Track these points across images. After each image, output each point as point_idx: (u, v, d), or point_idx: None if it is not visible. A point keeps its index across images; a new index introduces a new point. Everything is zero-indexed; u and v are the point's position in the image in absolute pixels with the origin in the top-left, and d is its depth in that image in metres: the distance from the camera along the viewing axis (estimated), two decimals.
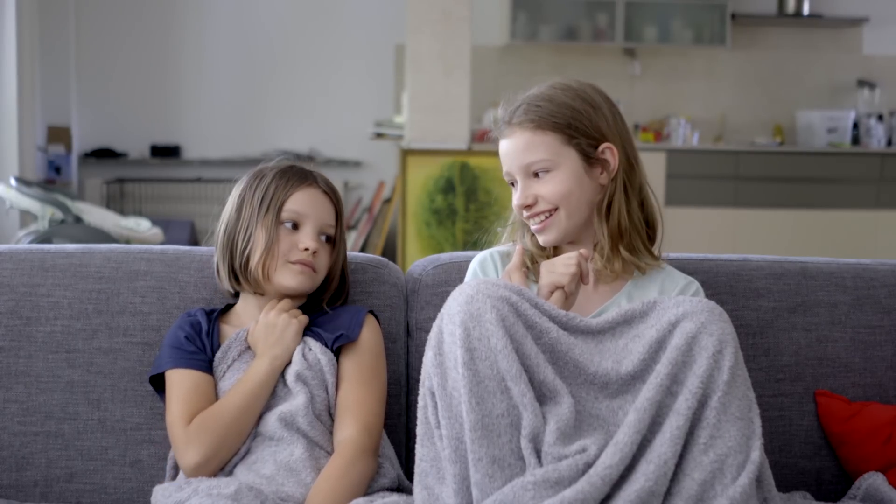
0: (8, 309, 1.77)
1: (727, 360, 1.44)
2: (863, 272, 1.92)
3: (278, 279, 1.69)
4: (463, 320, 1.44)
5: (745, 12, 6.63)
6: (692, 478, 1.37)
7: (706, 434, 1.40)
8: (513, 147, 1.69)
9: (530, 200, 1.68)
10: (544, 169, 1.67)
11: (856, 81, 6.77)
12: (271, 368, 1.65)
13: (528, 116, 1.68)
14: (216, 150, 6.45)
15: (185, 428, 1.60)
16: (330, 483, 1.54)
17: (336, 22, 6.45)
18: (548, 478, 1.36)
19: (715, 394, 1.42)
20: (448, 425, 1.43)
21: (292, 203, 1.70)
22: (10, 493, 1.73)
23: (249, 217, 1.70)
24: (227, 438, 1.60)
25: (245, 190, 1.75)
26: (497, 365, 1.42)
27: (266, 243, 1.68)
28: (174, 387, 1.65)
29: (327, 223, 1.73)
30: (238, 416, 1.61)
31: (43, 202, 4.35)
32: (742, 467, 1.38)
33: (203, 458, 1.58)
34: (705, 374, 1.42)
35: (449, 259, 1.87)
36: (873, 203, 6.24)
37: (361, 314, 1.71)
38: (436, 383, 1.46)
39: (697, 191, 6.16)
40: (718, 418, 1.40)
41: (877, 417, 1.79)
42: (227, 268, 1.72)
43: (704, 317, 1.47)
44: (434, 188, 5.15)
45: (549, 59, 6.52)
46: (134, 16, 6.37)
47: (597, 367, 1.49)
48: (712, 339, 1.44)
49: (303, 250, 1.68)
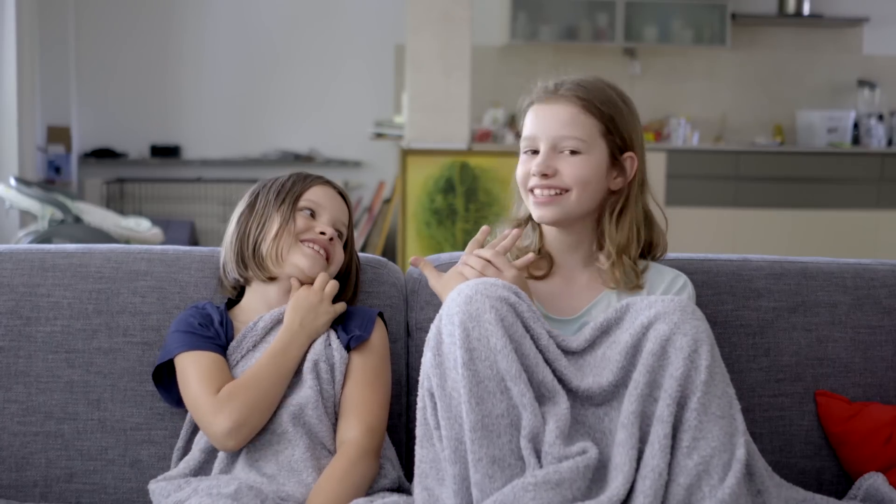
0: (8, 309, 1.77)
1: (703, 358, 1.43)
2: (863, 272, 1.92)
3: (291, 258, 1.69)
4: (462, 321, 1.44)
5: (745, 12, 6.63)
6: (678, 483, 1.37)
7: (688, 437, 1.39)
8: (553, 115, 1.68)
9: (550, 171, 1.67)
10: (575, 149, 1.67)
11: (856, 81, 6.77)
12: (301, 344, 1.65)
13: (578, 93, 1.68)
14: (216, 150, 6.45)
15: (213, 396, 1.59)
16: (332, 483, 1.54)
17: (336, 22, 6.45)
18: (549, 479, 1.35)
19: (694, 395, 1.40)
20: (447, 426, 1.43)
21: (310, 194, 1.74)
22: (10, 493, 1.73)
23: (264, 207, 1.72)
24: (257, 406, 1.59)
25: (259, 188, 1.77)
26: (497, 365, 1.42)
27: (280, 225, 1.69)
28: (189, 367, 1.63)
29: (341, 220, 1.76)
30: (268, 386, 1.60)
31: (43, 202, 4.35)
32: (728, 466, 1.37)
33: (235, 423, 1.57)
34: (682, 375, 1.42)
35: (449, 259, 1.87)
36: (873, 203, 6.24)
37: (373, 315, 1.72)
38: (435, 384, 1.46)
39: (697, 191, 6.16)
40: (699, 419, 1.39)
41: (877, 417, 1.79)
42: (237, 256, 1.71)
43: (677, 317, 1.46)
44: (434, 188, 5.15)
45: (549, 59, 6.52)
46: (134, 16, 6.37)
47: (579, 383, 1.50)
48: (686, 338, 1.43)
49: (319, 233, 1.70)
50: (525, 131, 1.72)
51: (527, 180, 1.70)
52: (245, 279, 1.74)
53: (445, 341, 1.46)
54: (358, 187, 6.51)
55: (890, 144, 6.49)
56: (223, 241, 1.77)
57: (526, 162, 1.71)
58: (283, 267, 1.70)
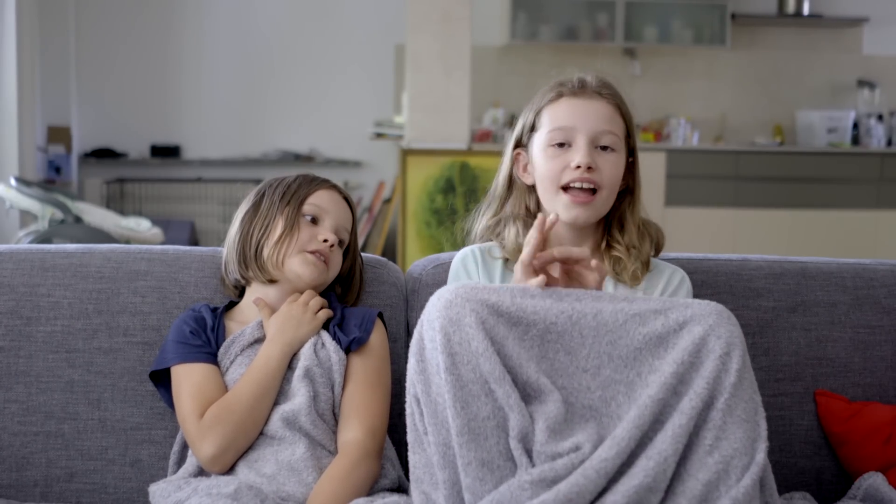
0: (8, 309, 1.77)
1: (735, 362, 1.42)
2: (862, 272, 1.92)
3: (291, 265, 1.68)
4: (443, 325, 1.43)
5: (745, 12, 6.63)
6: (696, 478, 1.37)
7: (711, 436, 1.39)
8: (593, 110, 1.68)
9: (594, 165, 1.67)
10: (611, 146, 1.68)
11: (856, 81, 6.77)
12: (282, 355, 1.64)
13: (613, 94, 1.71)
14: (216, 150, 6.45)
15: (198, 422, 1.59)
16: (333, 484, 1.54)
17: (336, 22, 6.45)
18: (544, 477, 1.35)
19: (721, 395, 1.40)
20: (434, 431, 1.43)
21: (315, 198, 1.73)
22: (10, 493, 1.74)
23: (269, 209, 1.71)
24: (241, 428, 1.59)
25: (265, 188, 1.76)
26: (479, 368, 1.41)
27: (283, 230, 1.69)
28: (182, 382, 1.64)
29: (344, 226, 1.75)
30: (251, 404, 1.60)
31: (43, 202, 4.35)
32: (746, 469, 1.37)
33: (219, 450, 1.58)
34: (712, 375, 1.41)
35: (448, 259, 1.87)
36: (873, 203, 6.24)
37: (373, 316, 1.71)
38: (420, 390, 1.46)
39: (697, 191, 6.16)
40: (724, 420, 1.39)
41: (877, 417, 1.79)
42: (239, 256, 1.71)
43: (713, 319, 1.45)
44: (434, 188, 5.15)
45: (549, 59, 6.52)
46: (134, 16, 6.37)
47: (589, 350, 1.45)
48: (720, 341, 1.43)
49: (322, 241, 1.69)
50: (555, 122, 1.69)
51: (560, 175, 1.68)
52: (246, 279, 1.74)
53: (427, 346, 1.46)
54: (358, 187, 6.51)
55: (890, 144, 6.49)
56: (226, 240, 1.77)
57: (558, 156, 1.68)
58: (283, 272, 1.69)
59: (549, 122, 1.70)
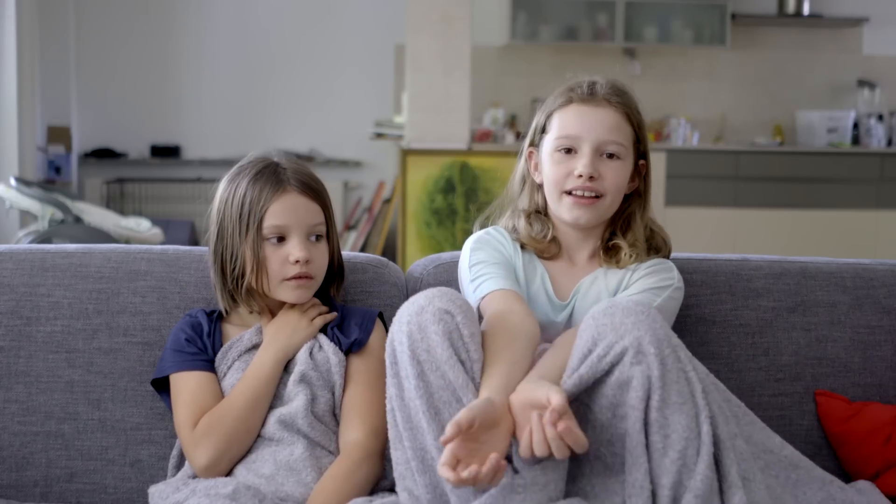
0: (8, 309, 1.77)
1: (649, 354, 1.38)
2: (862, 272, 1.92)
3: (278, 294, 1.66)
4: (410, 332, 1.45)
5: (745, 12, 6.63)
6: (662, 485, 1.37)
7: (659, 436, 1.37)
8: (599, 118, 1.69)
9: (597, 174, 1.67)
10: (616, 154, 1.68)
11: (856, 81, 6.77)
12: (275, 361, 1.64)
13: (622, 101, 1.70)
14: (216, 150, 6.45)
15: (192, 431, 1.60)
16: (335, 483, 1.54)
17: (336, 22, 6.45)
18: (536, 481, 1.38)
19: (654, 394, 1.38)
20: (410, 437, 1.44)
21: (271, 217, 1.62)
22: (10, 493, 1.74)
23: (231, 234, 1.65)
24: (234, 436, 1.59)
25: (223, 201, 1.67)
26: (446, 376, 1.42)
27: (254, 264, 1.63)
28: (179, 391, 1.64)
29: (312, 225, 1.66)
30: (244, 412, 1.60)
31: (43, 202, 4.35)
32: (697, 453, 1.36)
33: (212, 459, 1.58)
34: (635, 384, 1.39)
35: (449, 259, 1.87)
36: (873, 203, 6.24)
37: (373, 316, 1.71)
38: (394, 394, 1.47)
39: (697, 191, 6.16)
40: (663, 414, 1.37)
41: (877, 417, 1.79)
42: (223, 293, 1.68)
43: (611, 336, 1.41)
44: (434, 188, 5.15)
45: (549, 59, 6.52)
46: (134, 16, 6.37)
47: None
48: (631, 351, 1.39)
49: (294, 263, 1.63)
50: (563, 130, 1.70)
51: (564, 181, 1.69)
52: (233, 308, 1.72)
53: (398, 350, 1.47)
54: (358, 187, 6.51)
55: (890, 144, 6.49)
56: (208, 261, 1.73)
57: (563, 162, 1.69)
58: (273, 296, 1.67)
59: (557, 127, 1.71)
